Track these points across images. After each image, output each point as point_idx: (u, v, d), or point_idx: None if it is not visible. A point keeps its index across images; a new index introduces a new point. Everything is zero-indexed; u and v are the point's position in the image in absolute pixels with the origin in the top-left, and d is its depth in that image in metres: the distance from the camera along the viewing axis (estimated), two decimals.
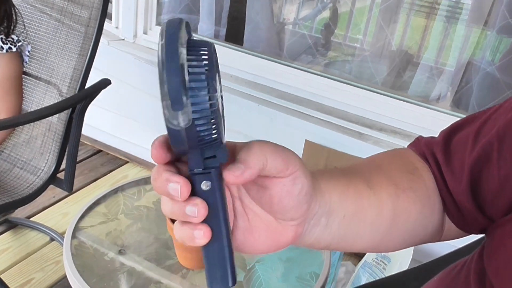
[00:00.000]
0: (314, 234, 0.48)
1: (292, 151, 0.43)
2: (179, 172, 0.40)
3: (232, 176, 0.39)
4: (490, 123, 0.55)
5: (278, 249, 0.46)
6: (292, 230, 0.45)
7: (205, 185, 0.39)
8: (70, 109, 1.46)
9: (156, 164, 0.41)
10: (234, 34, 2.22)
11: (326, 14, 2.27)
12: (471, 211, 0.55)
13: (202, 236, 0.40)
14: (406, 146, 0.64)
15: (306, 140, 1.72)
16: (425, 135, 0.62)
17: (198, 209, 0.39)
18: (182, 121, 0.34)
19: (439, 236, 0.61)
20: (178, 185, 0.38)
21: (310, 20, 2.29)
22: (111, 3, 2.09)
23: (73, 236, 1.20)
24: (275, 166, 0.41)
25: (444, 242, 0.62)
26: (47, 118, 1.50)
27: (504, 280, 0.47)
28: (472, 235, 0.60)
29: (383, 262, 1.68)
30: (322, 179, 0.49)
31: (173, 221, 0.58)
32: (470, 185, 0.54)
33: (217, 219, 0.40)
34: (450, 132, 0.59)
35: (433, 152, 0.59)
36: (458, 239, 0.63)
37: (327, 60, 2.18)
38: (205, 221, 0.40)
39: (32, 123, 1.54)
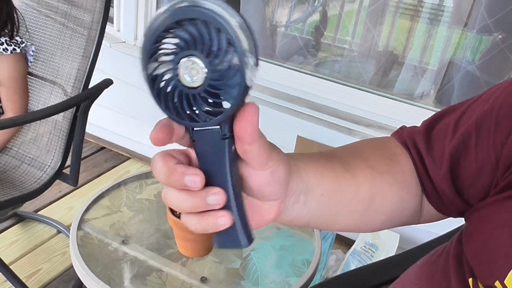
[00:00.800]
0: (294, 211, 0.49)
1: (269, 142, 0.42)
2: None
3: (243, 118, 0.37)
4: (469, 113, 0.56)
5: (263, 225, 0.47)
6: (275, 206, 0.45)
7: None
8: (75, 107, 1.46)
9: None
10: None
11: (316, 17, 2.27)
12: (450, 195, 0.56)
13: (227, 221, 0.40)
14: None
15: (298, 135, 1.73)
16: None
17: (220, 197, 0.39)
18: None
19: (417, 218, 0.62)
20: (197, 177, 0.38)
21: (301, 23, 2.30)
22: (113, 7, 2.09)
23: (79, 227, 1.21)
24: (264, 149, 0.40)
25: (428, 231, 0.63)
26: (53, 117, 1.50)
27: (481, 261, 0.48)
28: (452, 223, 0.61)
29: (371, 250, 1.70)
30: (301, 160, 0.49)
31: (172, 211, 0.58)
32: (449, 171, 0.55)
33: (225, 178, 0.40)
34: (432, 122, 0.60)
35: (415, 141, 0.60)
36: (439, 227, 0.63)
37: (317, 60, 2.19)
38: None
39: (38, 122, 1.54)
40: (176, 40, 0.35)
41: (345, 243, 1.92)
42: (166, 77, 0.36)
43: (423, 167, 0.58)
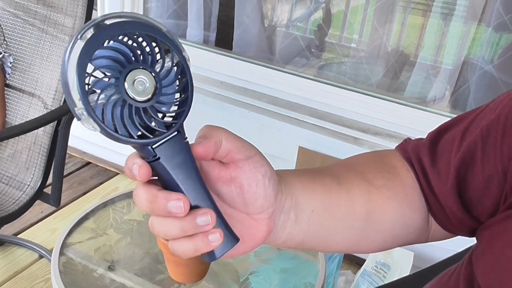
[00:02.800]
0: (285, 230, 0.51)
1: (247, 141, 0.47)
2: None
3: (195, 147, 0.43)
4: (476, 123, 0.57)
5: (255, 246, 0.49)
6: (265, 224, 0.48)
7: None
8: (56, 121, 1.48)
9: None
10: (224, 39, 2.24)
11: (318, 15, 2.29)
12: (457, 212, 0.57)
13: (219, 237, 0.42)
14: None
15: (299, 146, 1.74)
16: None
17: (210, 216, 0.41)
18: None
19: (425, 236, 0.63)
20: (180, 202, 0.40)
21: (302, 22, 2.32)
22: (96, 10, 2.11)
23: (61, 253, 1.22)
24: (231, 143, 0.44)
25: (444, 248, 0.64)
26: (32, 132, 1.52)
27: (492, 283, 0.49)
28: (466, 239, 0.61)
29: (383, 270, 1.70)
30: (288, 175, 0.52)
31: None
32: (456, 185, 0.56)
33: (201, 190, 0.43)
34: (438, 134, 0.61)
35: (419, 156, 0.61)
36: (456, 244, 0.64)
37: (322, 62, 2.20)
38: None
39: (16, 137, 1.56)
40: (106, 63, 0.38)
41: (355, 262, 1.92)
42: (113, 101, 0.38)
43: (427, 183, 0.59)
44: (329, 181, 0.54)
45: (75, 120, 1.48)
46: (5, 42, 1.57)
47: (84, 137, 2.38)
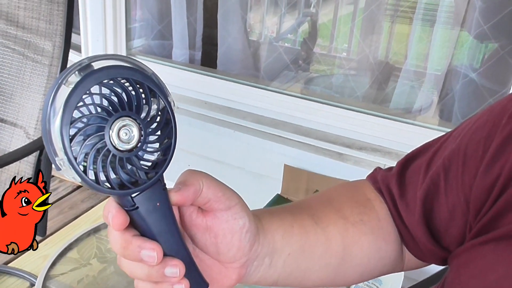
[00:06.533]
0: (258, 273, 0.50)
1: (231, 188, 0.46)
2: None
3: (173, 194, 0.41)
4: (440, 153, 0.57)
5: None
6: (235, 272, 0.47)
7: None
8: (38, 151, 1.48)
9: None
10: (209, 58, 2.25)
11: (304, 27, 2.29)
12: (426, 243, 0.57)
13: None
14: (365, 178, 0.65)
15: (285, 164, 1.74)
16: (406, 151, 0.63)
17: (179, 269, 0.41)
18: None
19: (400, 266, 0.63)
20: (154, 252, 0.40)
21: (287, 35, 2.32)
22: (79, 35, 2.11)
23: (44, 285, 1.21)
24: (212, 191, 0.43)
25: None
26: (15, 162, 1.51)
27: None
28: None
29: (374, 284, 1.69)
30: (265, 219, 0.51)
31: None
32: (423, 216, 0.56)
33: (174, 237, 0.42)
34: (405, 163, 0.61)
35: (389, 187, 0.60)
36: None
37: (310, 73, 2.20)
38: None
39: None
40: (92, 110, 0.36)
41: None
42: (96, 151, 0.36)
43: (398, 214, 0.59)
44: (307, 221, 0.54)
45: None
46: None
47: None
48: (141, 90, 0.38)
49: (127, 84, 0.37)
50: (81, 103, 0.35)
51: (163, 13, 2.26)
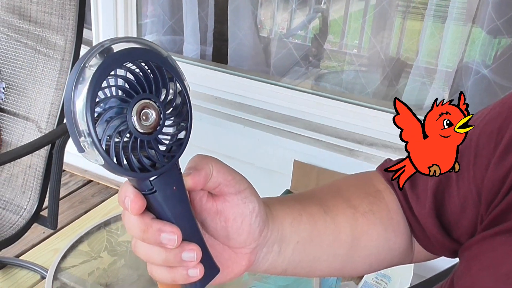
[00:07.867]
0: (267, 261, 0.51)
1: (240, 173, 0.46)
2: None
3: (185, 179, 0.41)
4: None
5: (233, 277, 0.48)
6: (245, 258, 0.47)
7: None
8: (50, 145, 1.49)
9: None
10: (220, 53, 2.25)
11: (315, 23, 2.29)
12: (436, 235, 0.57)
13: (198, 273, 0.42)
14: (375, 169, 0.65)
15: (294, 160, 1.74)
16: None
17: (196, 253, 0.41)
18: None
19: (409, 258, 0.63)
20: (174, 235, 0.40)
21: (298, 31, 2.31)
22: (90, 30, 2.13)
23: (55, 277, 1.22)
24: (222, 175, 0.43)
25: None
26: (27, 156, 1.53)
27: None
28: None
29: (383, 281, 1.69)
30: (274, 207, 0.51)
31: None
32: (434, 208, 0.56)
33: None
34: None
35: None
36: None
37: (321, 69, 2.19)
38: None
39: (12, 161, 1.57)
40: (114, 92, 0.36)
41: None
42: (118, 133, 0.36)
43: (408, 206, 0.59)
44: (316, 210, 0.54)
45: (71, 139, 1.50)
46: None
47: None
48: (158, 73, 0.38)
49: (146, 67, 0.37)
50: (105, 84, 0.35)
51: (174, 9, 2.26)
